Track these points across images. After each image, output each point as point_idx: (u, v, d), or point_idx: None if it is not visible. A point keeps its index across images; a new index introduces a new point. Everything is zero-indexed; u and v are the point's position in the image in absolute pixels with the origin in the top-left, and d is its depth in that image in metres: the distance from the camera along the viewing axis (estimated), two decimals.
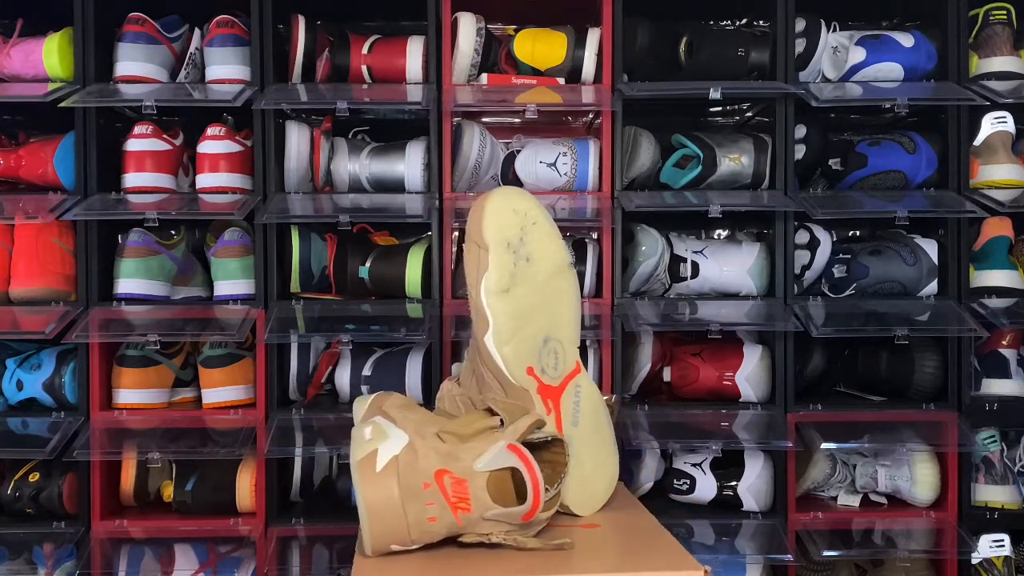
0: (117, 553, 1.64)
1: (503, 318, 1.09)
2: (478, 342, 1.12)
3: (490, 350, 1.10)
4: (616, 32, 1.66)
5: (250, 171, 1.66)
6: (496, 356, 1.10)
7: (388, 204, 1.65)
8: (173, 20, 1.67)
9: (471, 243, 1.12)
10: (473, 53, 1.65)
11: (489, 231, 1.10)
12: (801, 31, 1.68)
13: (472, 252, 1.12)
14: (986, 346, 1.72)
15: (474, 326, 1.13)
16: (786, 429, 1.61)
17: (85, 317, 1.59)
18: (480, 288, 1.10)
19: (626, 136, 1.69)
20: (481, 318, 1.11)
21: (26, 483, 1.63)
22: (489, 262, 1.10)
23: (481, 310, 1.10)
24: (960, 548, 1.63)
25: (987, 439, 1.72)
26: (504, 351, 1.10)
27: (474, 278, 1.11)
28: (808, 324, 1.59)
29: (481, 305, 1.10)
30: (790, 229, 1.67)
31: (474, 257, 1.12)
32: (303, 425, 1.62)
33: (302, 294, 1.70)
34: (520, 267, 1.11)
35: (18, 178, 1.69)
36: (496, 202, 1.12)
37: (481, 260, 1.11)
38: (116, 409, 1.63)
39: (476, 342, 1.13)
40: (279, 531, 1.62)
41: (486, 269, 1.10)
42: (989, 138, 1.71)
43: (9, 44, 1.66)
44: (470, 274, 1.12)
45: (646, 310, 1.63)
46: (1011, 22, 1.72)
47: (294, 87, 1.67)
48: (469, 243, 1.12)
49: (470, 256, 1.12)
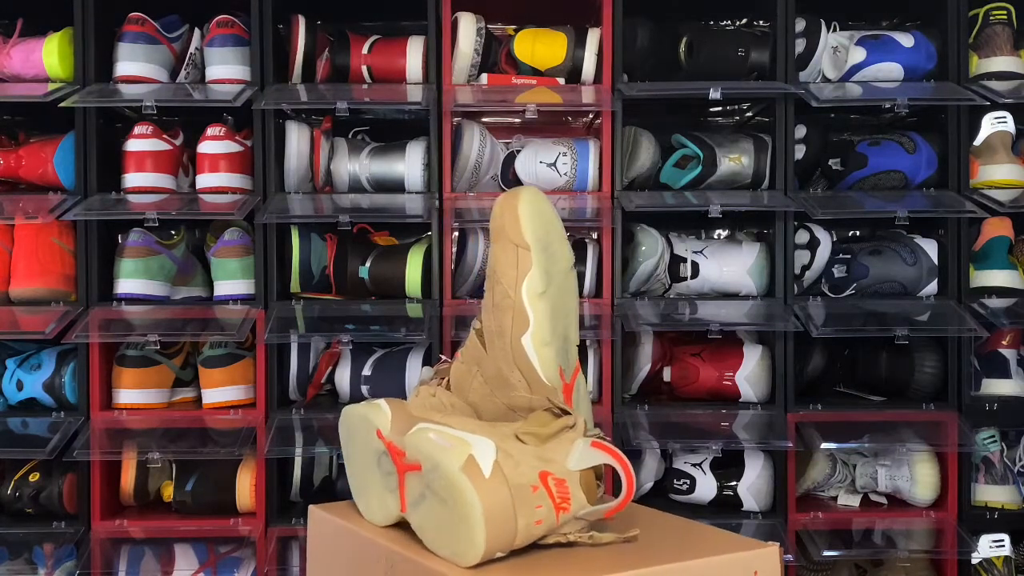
0: (117, 553, 1.64)
1: (544, 319, 1.09)
2: (511, 343, 1.10)
3: (528, 351, 1.09)
4: (616, 32, 1.66)
5: (250, 171, 1.66)
6: (534, 357, 1.09)
7: (388, 204, 1.65)
8: (173, 20, 1.67)
9: (507, 243, 1.10)
10: (473, 53, 1.65)
11: (528, 231, 1.10)
12: (801, 31, 1.68)
13: (509, 252, 1.11)
14: (986, 346, 1.72)
15: (498, 327, 1.11)
16: (786, 429, 1.61)
17: (85, 317, 1.59)
18: (522, 289, 1.09)
19: (626, 136, 1.69)
20: (520, 319, 1.10)
21: (26, 483, 1.62)
22: (532, 262, 1.10)
23: (522, 311, 1.10)
24: (960, 548, 1.63)
25: (987, 439, 1.72)
26: (543, 352, 1.09)
27: (512, 278, 1.10)
28: (808, 324, 1.59)
29: (523, 306, 1.09)
30: (790, 229, 1.67)
31: (511, 257, 1.10)
32: (303, 425, 1.62)
33: (302, 294, 1.70)
34: (550, 267, 1.12)
35: (18, 178, 1.69)
36: (529, 201, 1.12)
37: (521, 260, 1.10)
38: (116, 409, 1.63)
39: (502, 343, 1.11)
40: (279, 531, 1.62)
41: (528, 269, 1.09)
42: (989, 138, 1.71)
43: (9, 44, 1.66)
44: (506, 274, 1.11)
45: (646, 310, 1.63)
46: (1011, 22, 1.72)
47: (294, 87, 1.67)
48: (503, 243, 1.11)
49: (505, 256, 1.11)
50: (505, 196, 1.12)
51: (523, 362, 1.10)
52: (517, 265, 1.10)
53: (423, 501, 0.96)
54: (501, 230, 1.11)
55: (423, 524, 0.97)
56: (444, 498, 0.93)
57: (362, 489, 1.08)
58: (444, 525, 0.93)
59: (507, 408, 1.11)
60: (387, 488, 1.03)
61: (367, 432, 1.05)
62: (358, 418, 1.08)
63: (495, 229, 1.11)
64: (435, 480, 0.93)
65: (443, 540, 0.94)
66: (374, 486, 1.05)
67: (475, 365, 1.13)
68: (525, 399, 1.10)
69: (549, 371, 1.10)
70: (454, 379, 1.15)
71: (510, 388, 1.11)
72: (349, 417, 1.10)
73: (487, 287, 1.12)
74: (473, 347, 1.13)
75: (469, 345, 1.14)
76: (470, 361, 1.14)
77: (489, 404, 1.12)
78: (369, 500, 1.07)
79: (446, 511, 0.93)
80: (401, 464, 0.99)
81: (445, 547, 0.94)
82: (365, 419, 1.06)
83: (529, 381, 1.10)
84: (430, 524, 0.95)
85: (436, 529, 0.95)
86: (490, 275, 1.11)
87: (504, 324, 1.10)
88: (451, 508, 0.92)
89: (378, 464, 1.03)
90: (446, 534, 0.93)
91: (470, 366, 1.14)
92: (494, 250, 1.11)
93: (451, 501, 0.92)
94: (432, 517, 0.95)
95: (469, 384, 1.13)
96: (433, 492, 0.94)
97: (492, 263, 1.11)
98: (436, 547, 0.95)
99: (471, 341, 1.14)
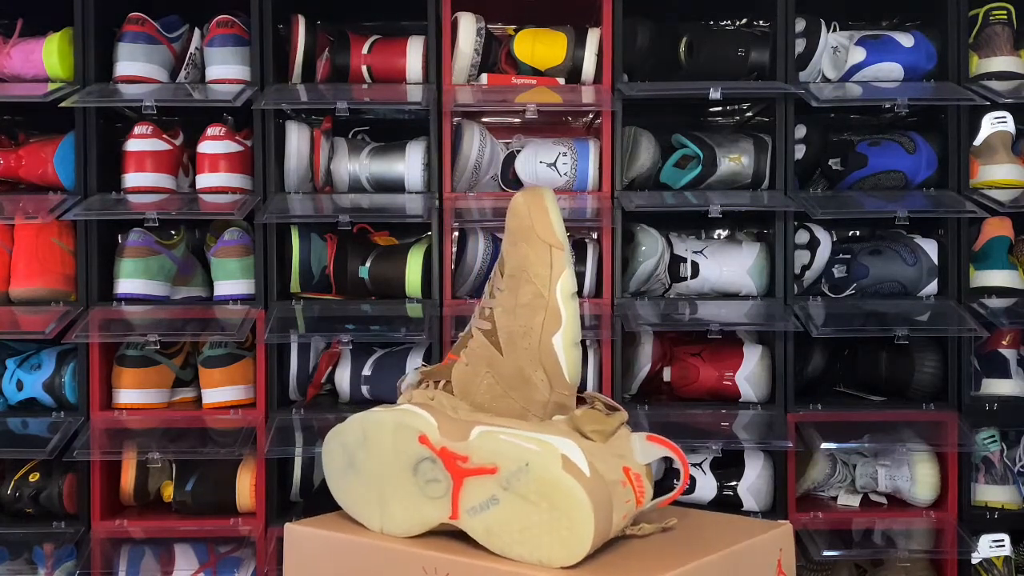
0: (117, 553, 1.64)
1: (574, 319, 1.09)
2: (540, 342, 1.10)
3: (557, 350, 1.10)
4: (616, 32, 1.66)
5: (250, 171, 1.66)
6: (563, 357, 1.10)
7: (388, 204, 1.65)
8: (173, 20, 1.67)
9: (538, 242, 1.10)
10: (473, 53, 1.65)
11: (558, 231, 1.11)
12: (801, 31, 1.68)
13: (541, 251, 1.10)
14: (986, 346, 1.72)
15: (524, 327, 1.09)
16: (786, 429, 1.61)
17: (85, 317, 1.59)
18: (556, 288, 1.09)
19: (626, 136, 1.69)
20: (553, 318, 1.10)
21: (26, 483, 1.62)
22: (565, 262, 1.10)
23: (556, 310, 1.10)
24: (960, 548, 1.63)
25: (987, 439, 1.72)
26: (571, 352, 1.10)
27: (546, 278, 1.10)
28: (808, 324, 1.59)
29: (557, 305, 1.10)
30: (790, 229, 1.67)
31: (544, 256, 1.10)
32: (303, 425, 1.62)
33: (302, 294, 1.70)
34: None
35: (18, 178, 1.69)
36: (554, 201, 1.12)
37: (555, 260, 1.10)
38: (116, 409, 1.63)
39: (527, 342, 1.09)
40: (279, 531, 1.61)
41: (563, 269, 1.10)
42: (989, 138, 1.71)
43: (9, 44, 1.66)
44: (539, 274, 1.10)
45: (646, 310, 1.63)
46: (1011, 22, 1.72)
47: (294, 87, 1.67)
48: (535, 242, 1.10)
49: (538, 256, 1.10)
50: (528, 195, 1.12)
51: (550, 361, 1.10)
52: (551, 264, 1.10)
53: (493, 505, 0.94)
54: (530, 229, 1.10)
55: (493, 528, 0.94)
56: (536, 499, 0.91)
57: (377, 498, 1.04)
58: (531, 526, 0.92)
59: (521, 408, 1.10)
60: (425, 495, 0.99)
61: (403, 439, 1.01)
62: (387, 425, 1.03)
63: (521, 228, 1.10)
64: (524, 482, 0.92)
65: (529, 542, 0.92)
66: (401, 494, 1.01)
67: (484, 366, 1.12)
68: (544, 398, 1.10)
69: (574, 371, 1.11)
70: (458, 381, 1.13)
71: (530, 388, 1.10)
72: (368, 424, 1.06)
73: (507, 287, 1.11)
74: (482, 348, 1.12)
75: (474, 346, 1.12)
76: (477, 362, 1.12)
77: (501, 404, 1.11)
78: (390, 509, 1.03)
79: (536, 512, 0.91)
80: (460, 469, 0.97)
81: (532, 549, 0.92)
82: (402, 426, 1.01)
83: (552, 380, 1.10)
84: (506, 527, 0.93)
85: (518, 531, 0.93)
86: (515, 275, 1.10)
87: (533, 324, 1.09)
88: (547, 508, 0.91)
89: (413, 471, 1.00)
90: (534, 535, 0.92)
91: (477, 368, 1.12)
92: (522, 249, 1.10)
93: (549, 501, 0.91)
94: (510, 520, 0.93)
95: (476, 386, 1.12)
96: (516, 494, 0.92)
97: (520, 263, 1.10)
98: (514, 550, 0.93)
99: (477, 342, 1.13)
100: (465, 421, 1.03)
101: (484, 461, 0.95)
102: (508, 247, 1.13)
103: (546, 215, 1.10)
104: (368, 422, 1.06)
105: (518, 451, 0.93)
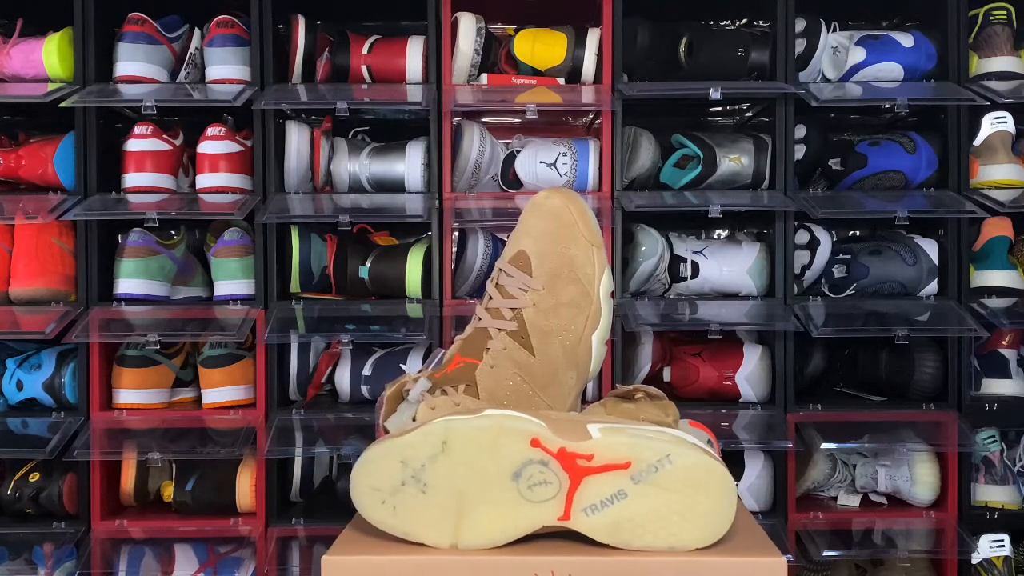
0: (117, 553, 1.64)
1: (609, 316, 1.11)
2: (581, 341, 1.11)
3: (593, 348, 1.11)
4: (616, 32, 1.66)
5: (250, 171, 1.66)
6: (596, 354, 1.11)
7: (388, 204, 1.65)
8: (173, 20, 1.67)
9: (583, 241, 1.10)
10: (473, 53, 1.65)
11: (597, 230, 1.12)
12: (801, 31, 1.68)
13: (586, 251, 1.11)
14: (986, 346, 1.72)
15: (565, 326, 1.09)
16: (786, 429, 1.61)
17: (85, 317, 1.59)
18: (600, 286, 1.10)
19: (626, 136, 1.69)
20: (595, 317, 1.10)
21: (26, 483, 1.63)
22: (604, 261, 1.11)
23: (598, 309, 1.10)
24: (960, 548, 1.63)
25: (987, 439, 1.72)
26: (601, 349, 1.12)
27: (591, 277, 1.11)
28: (808, 324, 1.59)
29: (599, 304, 1.11)
30: (790, 229, 1.67)
31: (589, 256, 1.11)
32: (303, 425, 1.62)
33: (302, 294, 1.70)
34: None
35: (18, 178, 1.69)
36: (584, 201, 1.13)
37: (598, 259, 1.11)
38: (116, 409, 1.63)
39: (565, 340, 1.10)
40: (279, 531, 1.62)
41: (604, 268, 1.11)
42: (989, 138, 1.71)
43: (9, 44, 1.66)
44: (586, 273, 1.11)
45: (646, 310, 1.63)
46: (1011, 22, 1.72)
47: (294, 87, 1.67)
48: (580, 242, 1.10)
49: (585, 255, 1.10)
50: (564, 196, 1.12)
51: (584, 359, 1.11)
52: (595, 264, 1.11)
53: (620, 499, 0.94)
54: (575, 228, 1.10)
55: (620, 521, 0.94)
56: (680, 488, 0.93)
57: (453, 512, 0.97)
58: (669, 514, 0.94)
59: (547, 407, 1.11)
60: (526, 500, 0.95)
61: (508, 443, 0.95)
62: (487, 431, 0.96)
63: (565, 228, 1.10)
64: (664, 472, 0.94)
65: (662, 529, 0.94)
66: (493, 502, 0.96)
67: (513, 367, 1.10)
68: (571, 397, 1.12)
69: (596, 368, 1.13)
70: (485, 384, 1.10)
71: (558, 387, 1.11)
72: (453, 434, 0.97)
73: (546, 286, 1.10)
74: (512, 350, 1.10)
75: (499, 349, 1.10)
76: (506, 364, 1.10)
77: (526, 405, 1.09)
78: (471, 520, 0.96)
79: (676, 499, 0.93)
80: (580, 468, 0.95)
81: (665, 536, 0.94)
82: (508, 430, 0.96)
83: (579, 377, 1.11)
84: (635, 519, 0.94)
85: (651, 521, 0.94)
86: (558, 273, 1.10)
87: (576, 323, 1.10)
88: (691, 494, 0.93)
89: (514, 477, 0.95)
90: (671, 522, 0.94)
91: (504, 369, 1.10)
92: (568, 249, 1.10)
93: (695, 487, 0.93)
94: (642, 511, 0.94)
95: (505, 388, 1.11)
96: (652, 485, 0.93)
97: (564, 262, 1.10)
98: (643, 540, 0.94)
99: (501, 343, 1.11)
100: (574, 420, 1.03)
101: (615, 458, 0.95)
102: (547, 247, 1.11)
103: (586, 215, 1.12)
104: (454, 431, 0.97)
105: (654, 444, 0.94)
